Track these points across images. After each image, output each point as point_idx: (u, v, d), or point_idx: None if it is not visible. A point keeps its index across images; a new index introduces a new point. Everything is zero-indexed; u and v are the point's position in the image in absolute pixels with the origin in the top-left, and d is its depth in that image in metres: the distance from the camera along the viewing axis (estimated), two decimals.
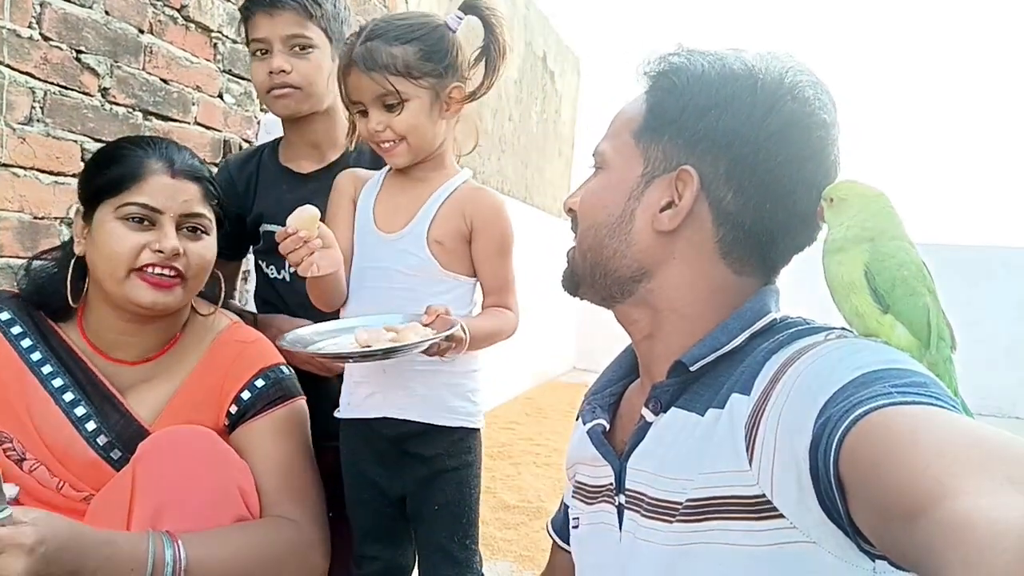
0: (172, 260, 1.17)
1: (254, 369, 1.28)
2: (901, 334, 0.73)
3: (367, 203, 1.36)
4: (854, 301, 0.74)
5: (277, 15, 1.48)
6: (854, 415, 0.61)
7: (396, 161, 1.32)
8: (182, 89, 2.09)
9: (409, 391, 1.31)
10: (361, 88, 1.27)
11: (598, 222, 0.89)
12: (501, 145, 5.08)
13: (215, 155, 2.22)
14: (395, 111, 1.28)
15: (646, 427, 0.84)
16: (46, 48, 1.69)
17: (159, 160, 1.19)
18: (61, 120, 1.74)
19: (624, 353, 1.02)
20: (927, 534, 0.50)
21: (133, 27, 1.91)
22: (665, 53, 0.89)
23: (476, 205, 1.34)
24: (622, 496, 0.86)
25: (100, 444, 1.19)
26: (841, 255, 0.76)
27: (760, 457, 0.71)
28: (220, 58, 2.23)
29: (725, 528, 0.73)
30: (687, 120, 0.83)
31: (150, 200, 1.16)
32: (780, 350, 0.76)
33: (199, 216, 1.21)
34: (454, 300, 1.33)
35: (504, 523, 2.81)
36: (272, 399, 1.27)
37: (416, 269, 1.31)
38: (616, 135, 0.90)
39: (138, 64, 1.93)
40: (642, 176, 0.86)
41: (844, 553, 0.67)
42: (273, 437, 1.26)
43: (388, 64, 1.25)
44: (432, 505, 1.33)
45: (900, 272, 0.73)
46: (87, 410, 1.19)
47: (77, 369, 1.21)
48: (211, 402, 1.26)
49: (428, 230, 1.32)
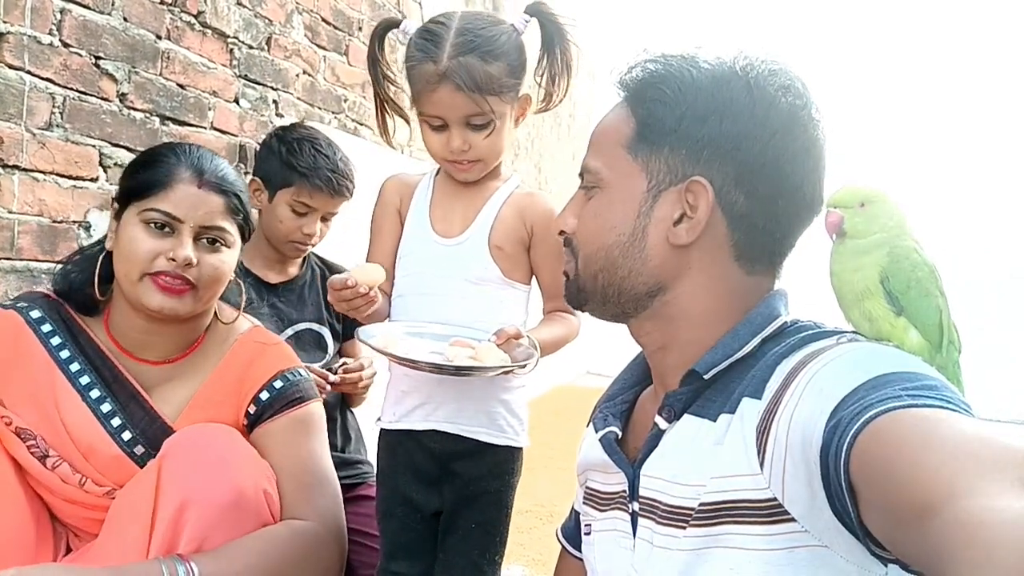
0: (183, 270, 1.18)
1: (273, 370, 1.29)
2: (914, 337, 0.73)
3: (421, 208, 1.34)
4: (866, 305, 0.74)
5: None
6: (865, 418, 0.61)
7: (467, 177, 1.29)
8: (199, 94, 2.11)
9: (461, 404, 1.28)
10: (453, 105, 1.20)
11: (608, 244, 0.87)
12: (515, 149, 5.09)
13: (231, 160, 2.24)
14: (482, 132, 1.23)
15: (659, 434, 0.84)
16: (65, 54, 1.71)
17: (188, 169, 1.21)
18: (80, 125, 1.76)
19: (635, 361, 1.01)
20: (938, 534, 0.50)
21: (151, 33, 1.93)
22: (638, 61, 0.87)
23: (535, 210, 1.32)
24: (636, 503, 0.86)
25: (125, 440, 1.21)
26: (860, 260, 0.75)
27: (772, 461, 0.71)
28: (236, 63, 2.25)
29: (738, 532, 0.73)
30: (687, 129, 0.82)
31: (172, 208, 1.18)
32: (791, 354, 0.76)
33: (219, 229, 1.22)
34: (512, 309, 1.31)
35: (516, 527, 2.80)
36: (290, 400, 1.28)
37: (479, 278, 1.29)
38: (606, 151, 0.88)
39: (155, 70, 1.96)
40: (648, 191, 0.85)
41: (856, 557, 0.67)
42: (291, 438, 1.27)
43: (486, 85, 1.19)
44: (469, 523, 1.32)
45: (915, 273, 0.73)
46: (112, 407, 1.22)
47: (104, 367, 1.24)
48: (231, 401, 1.28)
49: (489, 236, 1.29)
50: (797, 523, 0.70)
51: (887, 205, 0.74)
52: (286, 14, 2.45)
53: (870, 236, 0.75)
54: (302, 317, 1.78)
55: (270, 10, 2.37)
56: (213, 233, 1.22)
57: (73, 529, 1.27)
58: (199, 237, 1.20)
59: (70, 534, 1.28)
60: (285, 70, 2.46)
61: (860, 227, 0.76)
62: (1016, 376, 5.15)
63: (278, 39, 2.42)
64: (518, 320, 1.31)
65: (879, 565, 0.67)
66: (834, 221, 0.78)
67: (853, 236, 0.77)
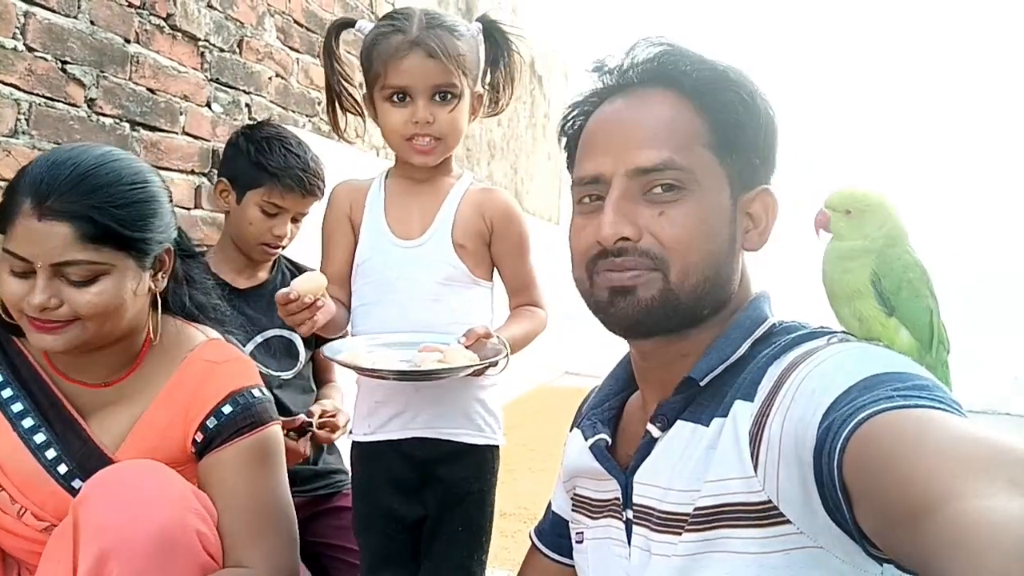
0: (48, 313, 1.03)
1: (222, 393, 1.16)
2: (904, 337, 0.73)
3: (376, 212, 1.33)
4: (857, 305, 0.74)
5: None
6: (857, 419, 0.61)
7: (425, 160, 1.28)
8: (169, 99, 2.07)
9: (439, 409, 1.28)
10: (423, 73, 1.20)
11: (714, 251, 0.81)
12: (491, 150, 5.07)
13: (204, 165, 2.20)
14: (447, 105, 1.23)
15: (652, 442, 0.84)
16: (31, 59, 1.67)
17: (28, 196, 1.02)
18: (47, 132, 1.72)
19: (620, 366, 1.01)
20: (932, 536, 0.50)
21: (119, 37, 1.89)
22: (700, 56, 0.84)
23: (493, 205, 1.32)
24: (629, 511, 0.85)
25: (61, 473, 1.11)
26: (850, 263, 0.76)
27: (765, 463, 0.71)
28: (207, 67, 2.21)
29: (733, 536, 0.73)
30: (765, 140, 0.84)
31: (18, 248, 1.02)
32: (782, 355, 0.76)
33: (76, 263, 1.02)
34: (478, 306, 1.31)
35: (500, 531, 2.79)
36: (240, 427, 1.16)
37: (447, 278, 1.28)
38: (684, 148, 0.81)
39: (125, 74, 1.91)
40: (731, 197, 0.83)
41: (851, 557, 0.67)
42: (240, 469, 1.14)
43: (455, 55, 1.21)
44: (456, 527, 1.31)
45: (906, 274, 0.74)
46: (47, 436, 1.11)
47: (40, 391, 1.14)
48: (177, 428, 1.16)
49: (452, 234, 1.29)
50: (792, 525, 0.70)
51: (877, 214, 0.75)
52: (257, 16, 2.41)
53: (853, 242, 0.76)
54: (272, 323, 1.71)
55: (241, 12, 2.33)
56: (71, 269, 1.03)
57: (19, 562, 1.19)
58: (59, 274, 1.03)
59: (21, 567, 1.20)
60: (257, 73, 2.42)
61: (843, 232, 0.77)
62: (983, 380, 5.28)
63: (250, 42, 2.38)
64: (485, 318, 1.31)
65: (875, 564, 0.67)
66: (821, 221, 0.79)
67: (838, 238, 0.77)
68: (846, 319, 0.76)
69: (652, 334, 0.84)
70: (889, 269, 0.73)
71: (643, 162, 0.80)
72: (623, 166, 0.81)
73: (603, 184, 0.83)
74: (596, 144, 0.86)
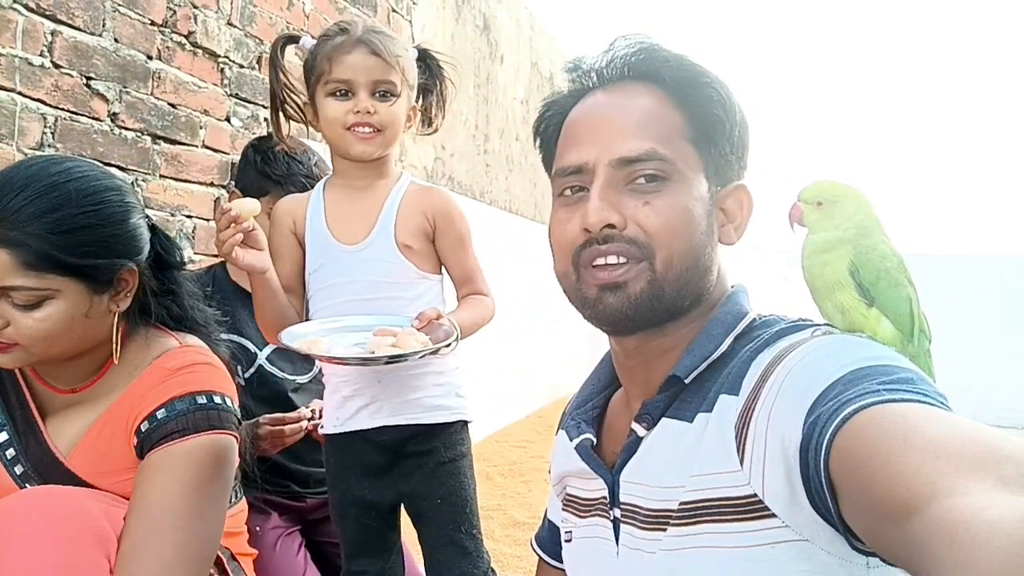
0: None
1: (164, 398, 1.10)
2: (886, 327, 0.74)
3: (317, 222, 1.37)
4: (839, 297, 0.75)
5: None
6: (843, 414, 0.61)
7: (365, 150, 1.32)
8: (190, 113, 2.13)
9: (404, 397, 1.32)
10: (365, 68, 1.29)
11: (695, 242, 0.81)
12: (509, 164, 5.11)
13: (223, 177, 2.26)
14: (386, 102, 1.31)
15: (637, 441, 0.83)
16: (57, 75, 1.73)
17: None
18: (71, 145, 1.78)
19: (602, 364, 1.00)
20: (920, 533, 0.50)
21: (142, 54, 1.95)
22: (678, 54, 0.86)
23: (433, 203, 1.37)
24: (617, 510, 0.85)
25: (17, 474, 1.11)
26: (827, 255, 0.76)
27: (751, 457, 0.70)
28: (227, 82, 2.27)
29: (718, 531, 0.73)
30: (740, 136, 0.86)
31: None
32: (766, 348, 0.76)
33: (18, 289, 1.01)
34: (431, 298, 1.36)
35: (514, 539, 2.80)
36: (168, 432, 1.08)
37: (395, 276, 1.33)
38: (666, 139, 0.82)
39: (147, 89, 1.98)
40: (709, 190, 0.84)
41: (837, 549, 0.67)
42: (155, 474, 1.06)
43: (395, 56, 1.30)
44: (435, 500, 1.34)
45: (883, 264, 0.74)
46: (9, 436, 1.12)
47: (12, 391, 1.15)
48: (121, 435, 1.12)
49: (395, 235, 1.33)
50: (778, 518, 0.69)
51: (847, 207, 0.75)
52: (276, 33, 2.48)
53: (825, 233, 0.77)
54: None
55: (260, 30, 2.40)
56: (15, 294, 1.02)
57: None
58: (5, 296, 1.03)
59: None
60: None
61: (815, 224, 0.78)
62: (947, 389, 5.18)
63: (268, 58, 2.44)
64: (438, 307, 1.35)
65: (861, 556, 0.67)
66: (794, 215, 0.80)
67: (812, 231, 0.78)
68: (828, 312, 0.77)
69: (638, 329, 0.83)
70: (866, 259, 0.74)
71: (627, 152, 0.80)
72: (607, 156, 0.81)
73: (586, 174, 0.82)
74: (579, 135, 0.85)
